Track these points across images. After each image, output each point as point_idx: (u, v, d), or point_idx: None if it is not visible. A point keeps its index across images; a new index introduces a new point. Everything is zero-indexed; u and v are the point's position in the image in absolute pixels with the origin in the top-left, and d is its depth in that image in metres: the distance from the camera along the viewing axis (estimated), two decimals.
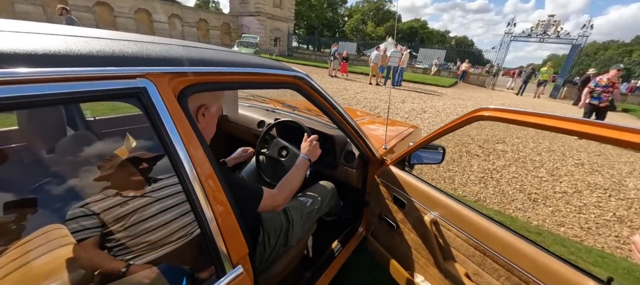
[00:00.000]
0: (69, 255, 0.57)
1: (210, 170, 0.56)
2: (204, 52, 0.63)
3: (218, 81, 0.62)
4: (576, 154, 4.14)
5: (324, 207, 1.32)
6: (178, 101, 0.53)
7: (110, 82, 0.44)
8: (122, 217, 0.60)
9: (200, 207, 0.53)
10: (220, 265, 0.57)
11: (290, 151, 1.43)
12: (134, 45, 0.50)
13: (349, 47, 21.45)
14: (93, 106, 1.26)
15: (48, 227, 0.56)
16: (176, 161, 0.50)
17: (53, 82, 0.39)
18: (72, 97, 0.41)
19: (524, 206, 2.59)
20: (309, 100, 0.95)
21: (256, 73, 0.71)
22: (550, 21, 14.52)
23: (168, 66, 0.51)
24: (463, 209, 0.95)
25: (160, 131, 0.49)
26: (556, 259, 0.72)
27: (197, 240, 0.57)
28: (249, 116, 1.84)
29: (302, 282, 1.21)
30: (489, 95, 12.10)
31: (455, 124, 0.90)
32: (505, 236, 0.82)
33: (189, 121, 0.54)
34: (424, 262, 1.15)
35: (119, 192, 0.62)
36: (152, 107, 0.48)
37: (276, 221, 1.11)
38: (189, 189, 0.52)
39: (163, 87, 0.50)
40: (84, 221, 0.56)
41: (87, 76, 0.42)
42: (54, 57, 0.39)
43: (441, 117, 5.95)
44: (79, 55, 0.42)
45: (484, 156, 3.72)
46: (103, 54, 0.44)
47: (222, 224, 0.57)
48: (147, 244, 0.61)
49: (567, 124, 0.64)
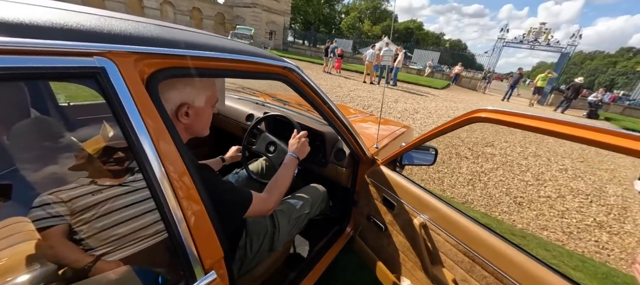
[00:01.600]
0: (30, 251, 0.52)
1: (182, 167, 0.50)
2: (181, 33, 0.56)
3: (196, 66, 0.55)
4: (561, 159, 4.25)
5: (313, 212, 1.27)
6: (146, 87, 0.47)
7: (61, 59, 0.38)
8: (89, 207, 0.54)
9: (167, 207, 0.47)
10: (190, 271, 0.51)
11: (278, 147, 1.37)
12: (95, 19, 0.43)
13: (344, 44, 21.38)
14: (65, 90, 1.17)
15: (10, 220, 0.51)
16: (139, 154, 0.44)
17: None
18: (10, 73, 0.34)
19: (510, 209, 2.63)
20: (298, 94, 0.90)
21: (241, 60, 0.65)
22: (542, 29, 14.89)
23: (134, 45, 0.45)
24: (453, 213, 0.92)
25: (121, 120, 0.42)
26: (547, 269, 0.70)
27: (165, 242, 0.51)
28: (238, 108, 1.77)
29: (286, 282, 1.16)
30: (480, 98, 12.30)
31: (452, 125, 0.87)
32: (495, 243, 0.80)
33: (159, 111, 0.48)
34: (411, 266, 1.13)
35: (85, 182, 0.55)
36: (112, 91, 0.41)
37: (260, 225, 1.04)
38: (154, 185, 0.46)
39: (127, 68, 0.43)
40: (50, 209, 0.50)
41: (32, 49, 0.35)
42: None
43: (433, 119, 6.00)
44: (22, 24, 0.35)
45: (472, 159, 3.77)
46: (54, 25, 0.38)
47: (193, 226, 0.51)
48: (112, 241, 0.55)
49: (563, 127, 0.62)
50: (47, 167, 0.58)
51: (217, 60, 0.59)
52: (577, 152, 4.61)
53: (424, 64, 19.10)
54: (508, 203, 2.73)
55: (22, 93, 0.74)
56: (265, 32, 24.87)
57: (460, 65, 16.33)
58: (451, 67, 18.89)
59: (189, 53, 0.53)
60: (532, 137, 5.06)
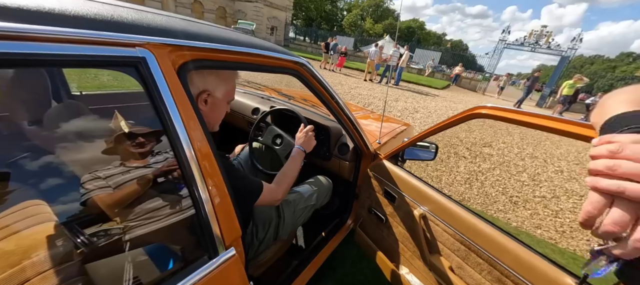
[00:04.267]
0: (49, 231, 0.56)
1: (208, 150, 0.55)
2: (206, 28, 0.61)
3: (219, 59, 0.60)
4: (557, 161, 4.32)
5: (319, 203, 1.31)
6: (178, 76, 0.51)
7: (108, 49, 0.42)
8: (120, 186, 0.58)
9: (196, 187, 0.52)
10: (213, 246, 0.57)
11: (285, 140, 1.42)
12: (135, 13, 0.48)
13: (346, 42, 21.33)
14: (80, 80, 1.21)
15: (27, 202, 0.54)
16: (174, 137, 0.49)
17: (46, 41, 0.36)
18: (64, 59, 0.39)
19: (505, 208, 2.70)
20: (308, 88, 0.95)
21: (259, 54, 0.69)
22: (543, 32, 14.94)
23: (169, 38, 0.49)
24: (452, 205, 0.98)
25: (158, 105, 0.47)
26: (537, 255, 0.75)
27: (191, 220, 0.56)
28: (244, 102, 1.81)
29: (289, 269, 1.22)
30: (480, 100, 12.37)
31: (453, 121, 0.91)
32: (490, 232, 0.86)
33: (189, 98, 0.53)
34: (410, 255, 1.19)
35: (114, 165, 0.59)
36: (151, 79, 0.46)
37: (266, 214, 1.08)
38: (186, 167, 0.51)
39: (163, 59, 0.48)
40: (94, 183, 0.54)
41: (83, 39, 0.40)
42: (48, 15, 0.37)
43: (432, 118, 6.05)
44: (75, 15, 0.39)
45: (470, 158, 3.83)
46: (101, 17, 0.42)
47: (217, 206, 0.56)
48: (141, 219, 0.60)
49: (561, 125, 0.64)
50: (87, 150, 0.62)
51: (238, 54, 0.64)
52: (573, 155, 4.68)
53: (425, 63, 19.14)
54: (504, 202, 2.79)
55: (46, 80, 0.78)
56: (266, 27, 24.73)
57: (460, 66, 16.38)
58: (452, 68, 18.96)
59: (215, 46, 0.57)
60: (530, 138, 5.13)
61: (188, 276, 0.53)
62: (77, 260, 0.53)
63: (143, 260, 0.58)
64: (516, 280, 0.77)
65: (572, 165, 4.26)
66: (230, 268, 0.59)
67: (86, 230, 0.54)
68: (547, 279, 0.71)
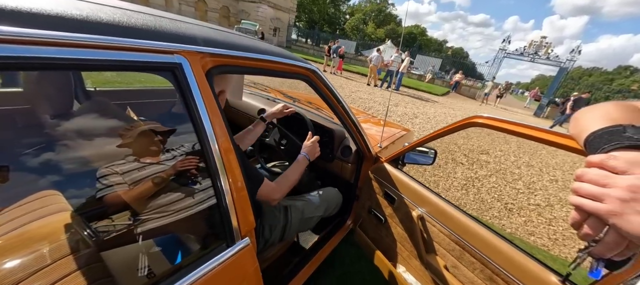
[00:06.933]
0: (65, 220, 0.58)
1: (229, 145, 0.61)
2: (230, 36, 0.67)
3: (241, 65, 0.66)
4: (552, 170, 4.40)
5: (326, 215, 1.34)
6: (206, 79, 0.57)
7: (150, 55, 0.48)
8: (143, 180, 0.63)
9: (219, 180, 0.58)
10: (231, 235, 0.62)
11: (290, 141, 1.48)
12: (170, 23, 0.54)
13: (348, 45, 21.47)
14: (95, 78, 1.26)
15: (44, 192, 0.56)
16: (203, 135, 0.55)
17: (101, 49, 0.42)
18: (113, 64, 0.45)
19: (500, 214, 2.76)
20: (317, 93, 1.01)
21: (274, 61, 0.76)
22: (542, 42, 15.15)
23: (200, 46, 0.55)
24: (449, 207, 1.04)
25: (191, 106, 0.53)
26: (525, 255, 0.81)
27: (212, 211, 0.62)
28: (250, 103, 1.87)
29: (289, 267, 1.26)
30: (479, 108, 12.49)
31: (451, 128, 0.98)
32: (484, 234, 0.92)
33: (215, 99, 0.59)
34: (407, 255, 1.24)
35: (138, 159, 0.65)
36: (186, 82, 0.52)
37: (275, 217, 1.13)
38: (211, 161, 0.56)
39: (195, 64, 0.54)
40: (111, 178, 0.60)
41: (130, 47, 0.45)
42: (104, 25, 0.43)
43: (431, 124, 6.13)
44: (124, 26, 0.45)
45: (468, 165, 3.90)
46: (145, 27, 0.48)
47: (236, 197, 0.62)
48: (165, 210, 0.65)
49: (554, 137, 0.68)
50: (99, 144, 0.68)
51: (257, 61, 0.70)
52: (569, 164, 4.77)
53: (425, 69, 19.31)
54: (499, 208, 2.86)
55: (70, 81, 0.83)
56: (269, 28, 24.85)
57: (461, 73, 16.52)
58: (452, 75, 19.12)
59: (238, 54, 0.64)
60: (526, 147, 5.22)
61: (208, 261, 0.58)
62: (107, 248, 0.59)
63: (168, 247, 0.63)
64: (506, 278, 0.83)
65: (567, 174, 4.34)
66: (245, 256, 0.65)
67: (117, 220, 0.60)
68: (534, 277, 0.77)
